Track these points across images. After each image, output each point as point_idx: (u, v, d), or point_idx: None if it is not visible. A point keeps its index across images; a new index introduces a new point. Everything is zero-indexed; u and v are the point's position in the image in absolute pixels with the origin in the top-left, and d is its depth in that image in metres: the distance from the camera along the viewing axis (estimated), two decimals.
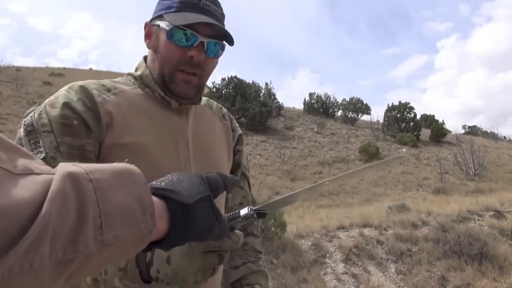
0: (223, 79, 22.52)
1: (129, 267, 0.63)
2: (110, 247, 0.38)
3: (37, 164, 0.38)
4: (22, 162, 0.36)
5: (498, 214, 8.40)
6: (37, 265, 0.32)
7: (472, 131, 31.41)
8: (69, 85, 0.85)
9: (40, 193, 0.34)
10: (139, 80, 0.94)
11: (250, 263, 1.07)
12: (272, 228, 6.15)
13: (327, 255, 6.05)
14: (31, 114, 0.80)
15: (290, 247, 5.95)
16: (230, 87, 22.04)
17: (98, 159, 0.82)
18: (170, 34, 0.86)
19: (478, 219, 8.06)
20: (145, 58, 0.97)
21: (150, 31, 0.93)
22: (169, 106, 0.93)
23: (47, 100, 0.82)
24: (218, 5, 0.91)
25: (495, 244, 6.81)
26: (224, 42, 0.91)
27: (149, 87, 0.92)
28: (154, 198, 0.47)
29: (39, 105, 0.83)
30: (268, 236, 6.08)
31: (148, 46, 0.94)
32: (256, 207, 0.62)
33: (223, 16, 0.92)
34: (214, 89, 22.27)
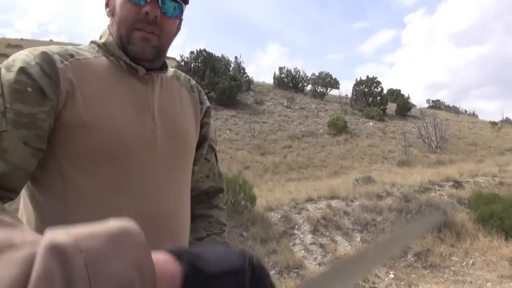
0: (191, 52, 22.05)
1: None
2: None
3: (19, 232, 0.33)
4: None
5: (457, 184, 8.83)
6: None
7: (436, 105, 32.51)
8: (31, 48, 0.81)
9: (21, 275, 0.29)
10: (103, 48, 0.91)
11: (214, 235, 1.07)
12: (242, 202, 6.21)
13: (296, 226, 6.20)
14: None
15: (259, 220, 6.05)
16: (199, 60, 21.62)
17: (57, 136, 0.78)
18: None
19: (439, 189, 8.45)
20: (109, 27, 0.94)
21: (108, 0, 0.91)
22: (135, 76, 0.90)
23: (4, 62, 0.78)
24: None
25: (453, 212, 7.18)
26: (180, 1, 0.89)
27: (114, 55, 0.90)
28: (170, 261, 0.39)
29: None
30: (238, 209, 6.15)
31: (108, 14, 0.91)
32: None
33: None
34: (183, 63, 21.79)
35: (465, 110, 31.48)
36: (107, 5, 0.91)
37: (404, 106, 22.56)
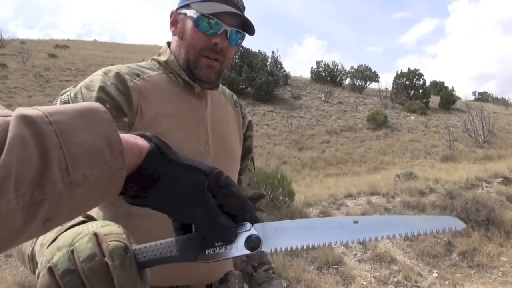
0: None
1: None
2: (80, 187, 0.38)
3: None
4: None
5: (507, 181, 8.40)
6: (4, 209, 0.32)
7: (483, 97, 30.92)
8: (104, 69, 0.92)
9: None
10: (164, 65, 1.00)
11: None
12: (281, 197, 6.23)
13: None
14: (68, 93, 0.86)
15: (298, 216, 6.04)
16: (236, 56, 21.75)
17: None
18: (197, 22, 0.93)
19: (486, 186, 8.07)
20: (168, 44, 1.04)
21: (176, 19, 1.00)
22: (190, 91, 1.00)
23: (82, 83, 0.88)
24: None
25: (502, 210, 6.84)
26: (244, 32, 0.97)
27: (173, 73, 0.99)
28: (138, 140, 0.47)
29: (74, 86, 0.89)
30: (277, 205, 6.17)
31: (174, 33, 1.00)
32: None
33: (244, 7, 1.00)
34: None
35: None
36: (173, 24, 1.01)
37: (448, 99, 21.63)
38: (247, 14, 1.00)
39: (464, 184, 7.90)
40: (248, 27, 0.97)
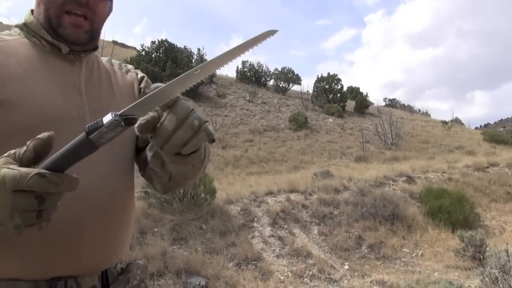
0: (153, 42, 21.48)
1: None
2: None
3: None
4: None
5: (410, 179, 9.26)
6: None
7: (392, 103, 33.72)
8: None
9: None
10: (25, 29, 0.88)
11: None
12: (202, 195, 6.17)
13: (255, 219, 6.25)
14: None
15: (219, 213, 6.04)
16: (161, 51, 21.11)
17: None
18: None
19: (393, 184, 8.81)
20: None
21: None
22: (59, 55, 0.88)
23: None
24: None
25: (405, 206, 7.53)
26: None
27: (36, 36, 0.87)
28: None
29: None
30: (198, 202, 6.10)
31: None
32: (121, 111, 0.54)
33: None
34: (143, 52, 21.21)
35: (419, 109, 32.87)
36: None
37: (362, 104, 23.23)
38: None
39: (374, 182, 8.53)
40: None
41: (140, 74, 1.08)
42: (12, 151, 0.57)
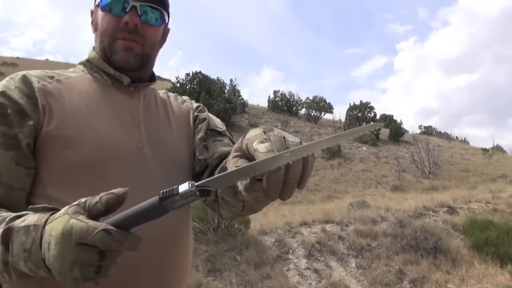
0: (187, 74, 22.21)
1: (33, 248, 0.57)
2: None
3: None
4: None
5: (451, 210, 8.83)
6: None
7: (428, 131, 32.83)
8: (13, 74, 0.84)
9: None
10: (88, 65, 0.92)
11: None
12: (236, 225, 6.12)
13: (290, 251, 6.10)
14: None
15: (253, 244, 5.95)
16: (195, 82, 21.77)
17: (36, 151, 0.79)
18: (102, 5, 0.87)
19: (433, 215, 8.43)
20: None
21: (92, 16, 0.94)
22: (120, 88, 0.90)
23: None
24: None
25: (448, 238, 7.14)
26: (160, 8, 0.89)
27: (98, 71, 0.91)
28: None
29: None
30: (232, 232, 6.05)
31: (93, 31, 0.93)
32: (198, 183, 0.54)
33: None
34: (178, 84, 21.92)
35: (456, 137, 31.81)
36: (92, 22, 0.93)
37: (397, 132, 22.77)
38: None
39: (413, 213, 8.20)
40: (161, 2, 0.89)
41: (195, 104, 1.09)
42: (83, 200, 0.56)
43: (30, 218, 0.60)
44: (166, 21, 0.94)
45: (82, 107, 0.83)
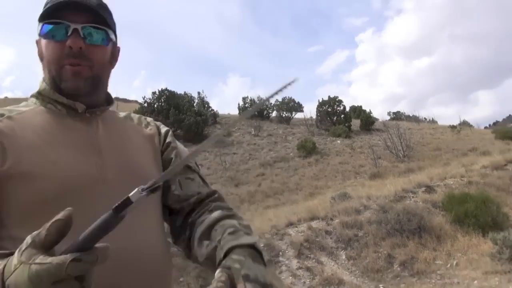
0: (153, 93, 21.99)
1: None
2: None
3: None
4: None
5: (429, 189, 9.08)
6: None
7: (397, 116, 33.71)
8: None
9: None
10: (39, 97, 0.89)
11: (220, 211, 0.88)
12: None
13: (280, 253, 6.11)
14: None
15: None
16: (162, 100, 21.57)
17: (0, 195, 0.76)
18: (43, 33, 0.85)
19: (413, 196, 8.63)
20: None
21: (37, 46, 0.90)
22: (75, 116, 0.88)
23: None
24: None
25: (430, 216, 7.33)
26: (104, 27, 0.87)
27: (51, 101, 0.88)
28: None
29: None
30: None
31: (40, 61, 0.90)
32: (147, 185, 0.56)
33: (101, 6, 0.88)
34: (145, 104, 21.66)
35: (424, 118, 32.84)
36: (38, 53, 0.90)
37: (367, 121, 23.24)
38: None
39: (393, 197, 8.38)
40: (104, 21, 0.86)
41: (164, 129, 1.06)
42: (29, 240, 0.54)
43: None
44: (114, 40, 0.92)
45: (37, 141, 0.81)
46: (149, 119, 1.07)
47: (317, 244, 6.49)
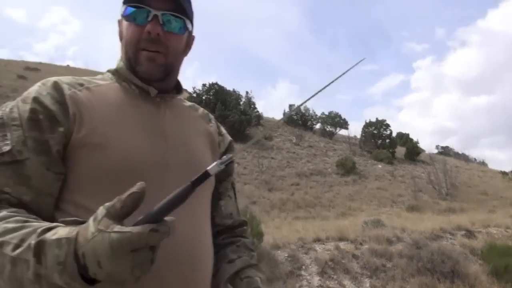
0: (203, 85, 22.42)
1: (68, 262, 0.57)
2: None
3: None
4: None
5: (469, 234, 8.59)
6: None
7: (445, 151, 32.36)
8: (44, 80, 0.85)
9: None
10: (116, 74, 0.93)
11: (246, 256, 1.03)
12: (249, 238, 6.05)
13: (303, 267, 6.00)
14: (3, 108, 0.81)
15: (266, 258, 5.87)
16: (211, 93, 21.94)
17: (66, 158, 0.80)
18: (125, 15, 0.88)
19: (450, 238, 8.21)
20: None
21: (119, 26, 0.94)
22: (147, 99, 0.91)
23: (21, 96, 0.83)
24: None
25: (466, 263, 6.93)
26: (183, 17, 0.89)
27: (126, 80, 0.92)
28: None
29: (13, 100, 0.83)
30: None
31: (120, 40, 0.94)
32: (223, 160, 0.61)
33: None
34: (195, 94, 22.11)
35: (474, 158, 31.23)
36: (119, 32, 0.94)
37: (413, 150, 22.46)
38: None
39: (429, 234, 8.00)
40: (184, 10, 0.89)
41: (228, 138, 1.12)
42: (104, 210, 0.58)
43: (61, 231, 0.60)
44: (190, 29, 0.95)
45: (111, 116, 0.84)
46: (211, 115, 1.12)
47: (342, 266, 6.31)
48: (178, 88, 1.00)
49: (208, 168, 0.58)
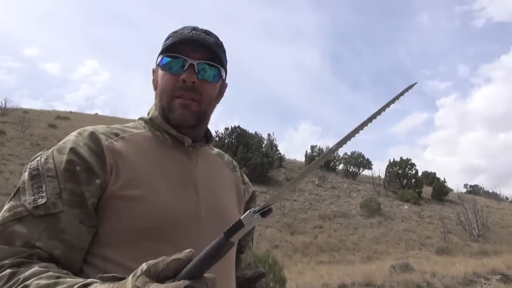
0: (226, 129, 22.80)
1: None
2: None
3: None
4: None
5: (505, 278, 8.10)
6: None
7: (474, 190, 31.20)
8: (79, 130, 0.86)
9: None
10: (149, 123, 0.94)
11: None
12: (271, 284, 5.89)
13: None
14: (38, 158, 0.80)
15: None
16: (233, 136, 22.24)
17: (98, 209, 0.79)
18: (161, 64, 0.90)
19: (485, 283, 7.76)
20: None
21: (154, 74, 0.97)
22: (179, 148, 0.92)
23: (56, 145, 0.83)
24: (211, 35, 0.93)
25: None
26: (217, 65, 0.91)
27: (160, 130, 0.92)
28: None
29: (47, 149, 0.83)
30: None
31: (154, 89, 0.96)
32: (258, 208, 0.57)
33: (218, 45, 0.93)
34: (217, 138, 22.46)
35: (506, 197, 29.91)
36: (153, 81, 0.96)
37: (440, 190, 21.76)
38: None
39: (462, 279, 7.60)
40: (219, 59, 0.91)
41: (251, 188, 1.13)
42: (145, 267, 0.56)
43: (99, 287, 0.59)
44: (224, 77, 0.96)
45: (146, 167, 0.84)
46: (235, 162, 1.12)
47: None
48: (207, 136, 1.00)
49: (242, 217, 0.56)
